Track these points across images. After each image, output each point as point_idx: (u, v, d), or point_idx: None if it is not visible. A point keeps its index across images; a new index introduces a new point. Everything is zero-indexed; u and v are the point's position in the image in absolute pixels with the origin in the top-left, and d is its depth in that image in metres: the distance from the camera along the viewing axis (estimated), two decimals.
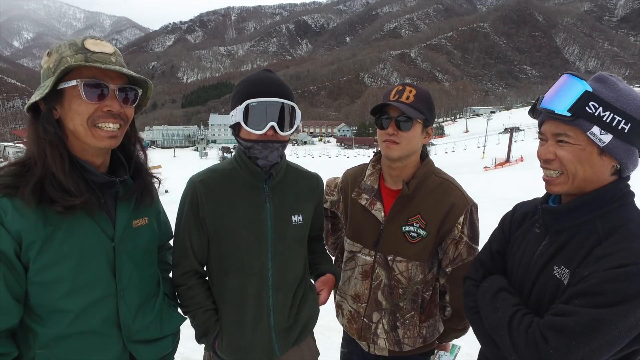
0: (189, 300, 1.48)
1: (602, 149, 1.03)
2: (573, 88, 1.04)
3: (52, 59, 1.11)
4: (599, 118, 1.01)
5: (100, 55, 1.11)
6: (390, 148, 1.51)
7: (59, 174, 1.09)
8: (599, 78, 1.06)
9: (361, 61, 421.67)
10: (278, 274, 1.46)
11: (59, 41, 1.15)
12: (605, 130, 1.01)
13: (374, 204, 1.63)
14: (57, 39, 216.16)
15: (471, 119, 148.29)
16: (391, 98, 1.51)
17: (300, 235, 1.54)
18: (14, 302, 1.06)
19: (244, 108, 1.33)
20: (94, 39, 1.14)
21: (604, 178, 1.07)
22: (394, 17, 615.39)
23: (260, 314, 1.45)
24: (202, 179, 1.44)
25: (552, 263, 1.11)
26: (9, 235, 1.03)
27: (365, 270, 1.67)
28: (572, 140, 1.05)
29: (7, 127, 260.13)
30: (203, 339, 1.50)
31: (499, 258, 1.34)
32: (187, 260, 1.46)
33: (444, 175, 1.63)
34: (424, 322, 1.65)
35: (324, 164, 47.84)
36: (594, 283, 0.96)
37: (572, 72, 1.10)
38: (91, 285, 1.15)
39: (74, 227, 1.12)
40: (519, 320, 1.08)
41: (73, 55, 1.09)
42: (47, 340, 1.12)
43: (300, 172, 1.60)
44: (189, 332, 1.45)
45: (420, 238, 1.56)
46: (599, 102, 1.01)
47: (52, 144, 1.10)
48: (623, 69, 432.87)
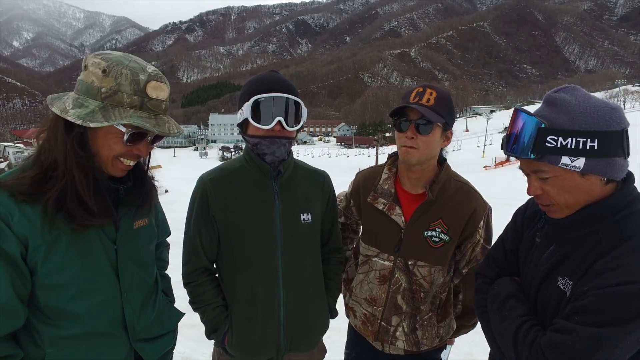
0: (199, 297, 1.50)
1: (580, 172, 1.00)
2: (527, 126, 1.02)
3: (106, 83, 1.06)
4: (563, 148, 0.98)
5: (155, 103, 1.11)
6: (409, 153, 1.49)
7: (85, 195, 1.09)
8: (549, 101, 1.04)
9: (361, 60, 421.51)
10: (288, 271, 1.48)
11: (120, 59, 1.08)
12: (575, 156, 0.98)
13: (393, 208, 1.61)
14: (57, 39, 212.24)
15: (471, 118, 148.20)
16: (411, 100, 1.47)
17: (310, 234, 1.54)
18: (20, 305, 1.07)
19: (252, 104, 1.36)
20: (157, 80, 1.11)
21: (599, 191, 1.03)
22: (393, 16, 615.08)
23: (270, 311, 1.47)
24: (212, 177, 1.47)
25: (556, 273, 1.09)
26: (16, 237, 1.04)
27: (384, 275, 1.65)
28: (549, 174, 1.03)
29: (7, 127, 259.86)
30: (213, 335, 1.53)
31: (512, 257, 1.32)
32: (197, 258, 1.48)
33: (462, 180, 1.63)
34: (440, 322, 1.67)
35: (324, 164, 47.81)
36: (592, 300, 0.94)
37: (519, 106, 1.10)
38: (96, 288, 1.17)
39: (78, 232, 1.12)
40: (524, 334, 1.07)
41: (131, 95, 1.07)
42: (57, 340, 1.13)
43: (308, 170, 1.61)
44: (189, 332, 1.51)
45: (443, 243, 1.55)
46: (556, 133, 0.98)
47: (82, 166, 1.09)
48: (623, 68, 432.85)
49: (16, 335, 1.13)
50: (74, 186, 1.08)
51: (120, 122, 1.04)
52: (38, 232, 1.06)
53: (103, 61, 1.06)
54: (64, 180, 1.07)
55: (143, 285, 1.31)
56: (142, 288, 1.31)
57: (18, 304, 1.06)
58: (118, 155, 1.13)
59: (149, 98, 1.09)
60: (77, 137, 1.07)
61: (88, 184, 1.10)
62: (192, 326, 1.73)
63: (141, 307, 1.29)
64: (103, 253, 1.18)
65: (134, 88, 1.07)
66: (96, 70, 1.06)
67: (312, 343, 1.61)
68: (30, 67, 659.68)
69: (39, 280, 1.09)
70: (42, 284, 1.10)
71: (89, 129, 1.08)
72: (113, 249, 1.20)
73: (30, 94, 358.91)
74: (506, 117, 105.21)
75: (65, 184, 1.07)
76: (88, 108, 1.05)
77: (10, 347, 1.08)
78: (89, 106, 1.05)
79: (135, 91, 1.07)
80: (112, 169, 1.15)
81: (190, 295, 1.52)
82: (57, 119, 1.09)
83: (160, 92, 1.11)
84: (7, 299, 1.03)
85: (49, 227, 1.07)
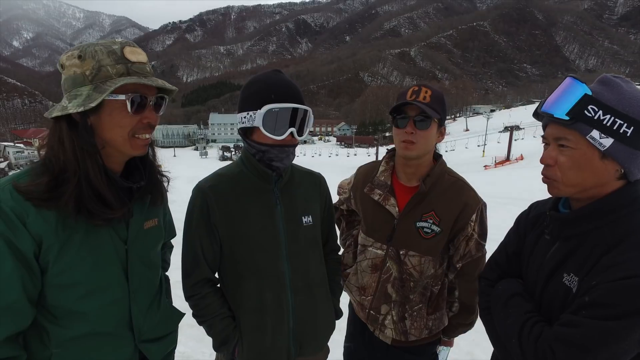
0: (204, 310, 1.45)
1: (603, 152, 0.99)
2: (573, 91, 1.02)
3: (87, 65, 1.06)
4: (598, 121, 0.98)
5: (139, 66, 1.11)
6: (409, 148, 1.55)
7: (101, 188, 1.09)
8: (603, 80, 1.03)
9: (361, 60, 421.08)
10: (296, 275, 1.47)
11: (89, 44, 1.09)
12: (605, 134, 0.98)
13: (388, 199, 1.67)
14: (57, 39, 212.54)
15: (471, 117, 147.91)
16: (408, 98, 1.54)
17: (312, 236, 1.54)
18: (28, 305, 1.06)
19: (265, 113, 1.32)
20: (130, 46, 1.11)
21: (609, 183, 1.04)
22: (393, 15, 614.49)
23: (280, 317, 1.45)
24: (211, 184, 1.42)
25: (562, 270, 1.09)
26: (30, 236, 1.03)
27: (375, 263, 1.71)
28: (572, 144, 1.03)
29: (7, 127, 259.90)
30: (223, 347, 1.47)
31: (515, 260, 1.33)
32: (199, 269, 1.44)
33: (457, 175, 1.68)
34: (431, 314, 1.70)
35: (324, 163, 47.82)
36: (600, 294, 0.95)
37: (574, 75, 1.07)
38: (106, 288, 1.17)
39: (91, 231, 1.12)
40: (529, 330, 1.07)
41: (114, 65, 1.06)
42: (63, 340, 1.12)
43: (304, 173, 1.61)
44: (189, 332, 1.48)
45: (434, 234, 1.60)
46: (599, 105, 0.98)
47: (92, 156, 1.08)
48: (623, 67, 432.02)
49: (23, 335, 1.12)
50: (88, 180, 1.07)
51: (116, 86, 1.03)
52: (52, 231, 1.06)
53: (75, 50, 1.08)
54: (76, 177, 1.06)
55: (150, 285, 1.31)
56: (150, 289, 1.31)
57: (26, 304, 1.06)
58: (131, 131, 1.12)
59: (131, 62, 1.09)
60: (84, 130, 1.07)
61: (101, 175, 1.10)
62: (192, 326, 1.76)
63: (148, 308, 1.29)
64: (114, 252, 1.18)
65: (114, 58, 1.07)
66: (72, 61, 1.07)
67: (320, 346, 1.60)
68: (30, 66, 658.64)
69: (49, 279, 1.09)
70: (51, 283, 1.09)
71: (94, 117, 1.08)
72: (124, 248, 1.20)
73: (30, 94, 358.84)
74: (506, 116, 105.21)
75: (79, 181, 1.06)
76: (83, 95, 1.05)
77: (13, 348, 1.06)
78: (83, 93, 1.06)
79: (116, 60, 1.07)
80: (133, 149, 1.15)
81: (194, 309, 1.48)
82: (59, 123, 1.09)
83: (139, 55, 1.12)
84: (16, 298, 1.03)
85: (63, 225, 1.07)
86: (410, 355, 1.74)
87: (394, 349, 1.73)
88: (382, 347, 1.76)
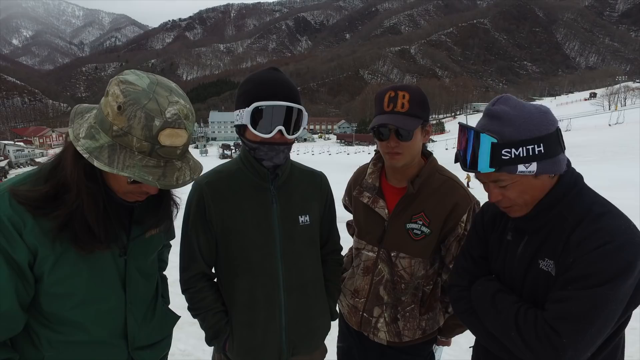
0: (198, 303, 1.47)
1: (534, 175, 1.11)
2: (481, 145, 1.10)
3: (119, 121, 0.98)
4: (517, 158, 1.08)
5: (167, 150, 1.02)
6: (395, 159, 1.51)
7: (93, 224, 1.06)
8: (490, 115, 1.13)
9: (361, 58, 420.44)
10: (289, 275, 1.46)
11: (141, 95, 0.98)
12: (528, 162, 1.08)
13: (377, 202, 1.65)
14: (56, 37, 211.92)
15: (471, 115, 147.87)
16: (385, 108, 1.47)
17: (309, 236, 1.53)
18: (21, 312, 1.06)
19: (252, 111, 1.31)
20: (174, 127, 1.00)
21: (549, 184, 1.15)
22: (393, 13, 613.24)
23: (271, 315, 1.45)
24: (208, 180, 1.43)
25: (536, 258, 1.17)
26: (26, 246, 1.02)
27: (367, 266, 1.69)
28: (508, 181, 1.13)
29: (7, 126, 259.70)
30: (214, 341, 1.50)
31: (483, 262, 1.37)
32: (195, 263, 1.46)
33: (448, 174, 1.63)
34: (423, 314, 1.68)
35: (324, 161, 47.78)
36: (582, 267, 1.03)
37: (462, 122, 1.19)
38: (102, 299, 1.16)
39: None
40: (523, 317, 1.11)
41: (141, 140, 0.99)
42: (56, 344, 1.13)
43: (304, 171, 1.59)
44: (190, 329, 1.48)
45: (424, 235, 1.57)
46: (509, 145, 1.07)
47: (92, 194, 1.06)
48: (624, 65, 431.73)
49: (15, 338, 1.12)
50: (82, 212, 1.05)
51: (120, 173, 0.98)
52: (49, 243, 1.04)
53: (122, 95, 0.98)
54: (74, 205, 1.04)
55: (147, 295, 1.30)
56: (146, 297, 1.30)
57: (19, 312, 1.06)
58: (127, 192, 1.11)
59: (160, 145, 1.00)
60: (87, 166, 1.03)
61: (97, 210, 1.07)
62: (193, 323, 1.77)
63: (143, 317, 1.28)
64: (112, 265, 1.17)
65: (145, 134, 0.98)
66: (113, 103, 0.99)
67: (314, 346, 1.60)
68: (29, 65, 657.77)
69: (43, 288, 1.08)
70: (46, 292, 1.09)
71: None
72: (123, 259, 1.19)
73: (30, 92, 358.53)
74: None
75: (75, 208, 1.04)
76: (98, 142, 1.00)
77: (6, 352, 1.08)
78: (99, 140, 1.00)
79: (146, 137, 0.98)
80: (128, 198, 1.14)
81: (189, 302, 1.50)
82: (74, 151, 1.04)
83: (176, 139, 1.02)
84: (9, 306, 1.03)
85: (60, 238, 1.06)
86: (405, 355, 1.71)
87: (389, 349, 1.71)
88: (376, 348, 1.73)
